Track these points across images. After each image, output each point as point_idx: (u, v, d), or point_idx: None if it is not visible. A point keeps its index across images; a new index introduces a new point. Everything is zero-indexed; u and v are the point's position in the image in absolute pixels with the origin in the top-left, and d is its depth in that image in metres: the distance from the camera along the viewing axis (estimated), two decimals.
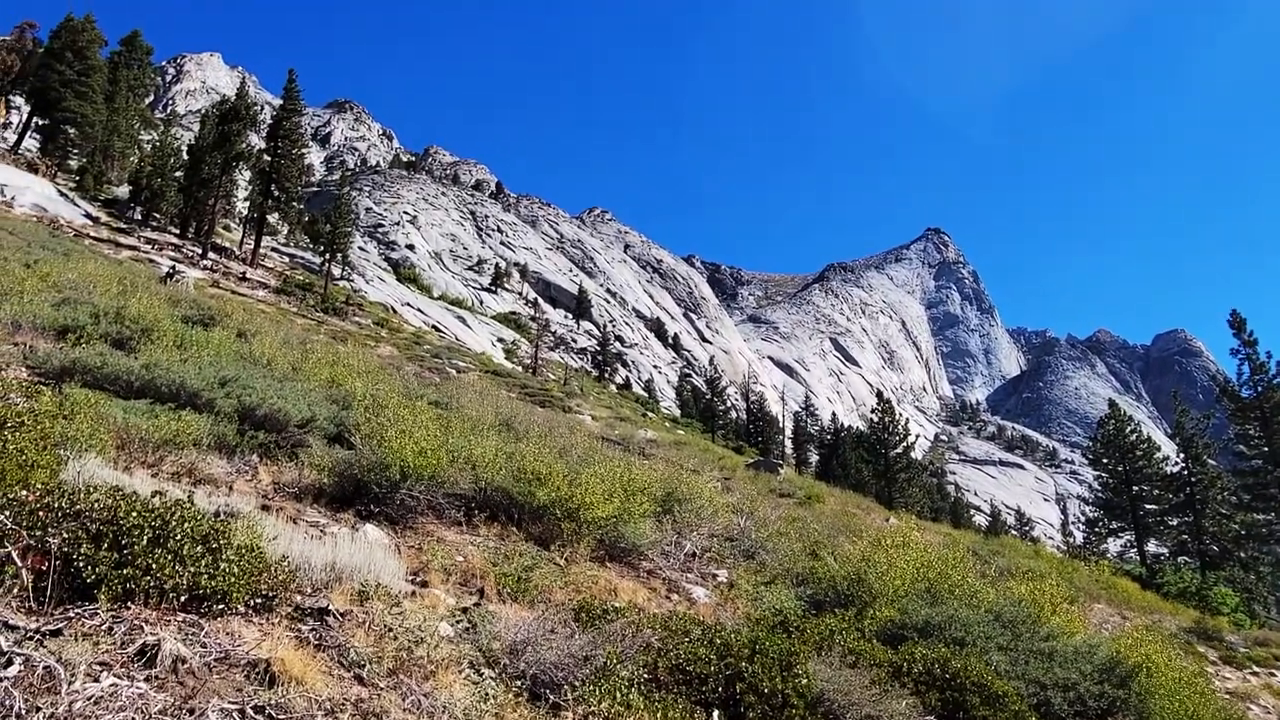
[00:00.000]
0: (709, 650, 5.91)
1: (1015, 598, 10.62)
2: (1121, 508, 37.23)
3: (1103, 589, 20.47)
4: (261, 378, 11.65)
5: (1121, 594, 20.79)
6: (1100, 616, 16.89)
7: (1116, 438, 37.67)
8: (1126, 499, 36.83)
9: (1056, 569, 20.11)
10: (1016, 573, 16.31)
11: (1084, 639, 9.94)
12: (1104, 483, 38.85)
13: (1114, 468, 37.67)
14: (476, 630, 5.53)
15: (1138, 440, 37.45)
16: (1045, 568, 19.43)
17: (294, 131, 52.90)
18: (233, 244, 54.46)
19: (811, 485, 28.73)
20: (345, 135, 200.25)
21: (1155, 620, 17.72)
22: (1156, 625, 16.00)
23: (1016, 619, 9.51)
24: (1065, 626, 10.18)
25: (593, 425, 30.00)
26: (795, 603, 9.67)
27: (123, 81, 61.50)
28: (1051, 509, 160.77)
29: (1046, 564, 21.63)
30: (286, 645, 4.15)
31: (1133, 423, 38.94)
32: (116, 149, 59.78)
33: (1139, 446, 37.17)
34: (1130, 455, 37.01)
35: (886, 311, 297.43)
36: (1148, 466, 36.79)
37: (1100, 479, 39.43)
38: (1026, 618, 9.69)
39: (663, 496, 12.41)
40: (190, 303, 20.04)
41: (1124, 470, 37.07)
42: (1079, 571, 22.01)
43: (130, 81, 64.97)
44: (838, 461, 65.28)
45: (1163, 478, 36.43)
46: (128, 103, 62.98)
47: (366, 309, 50.51)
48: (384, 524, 8.31)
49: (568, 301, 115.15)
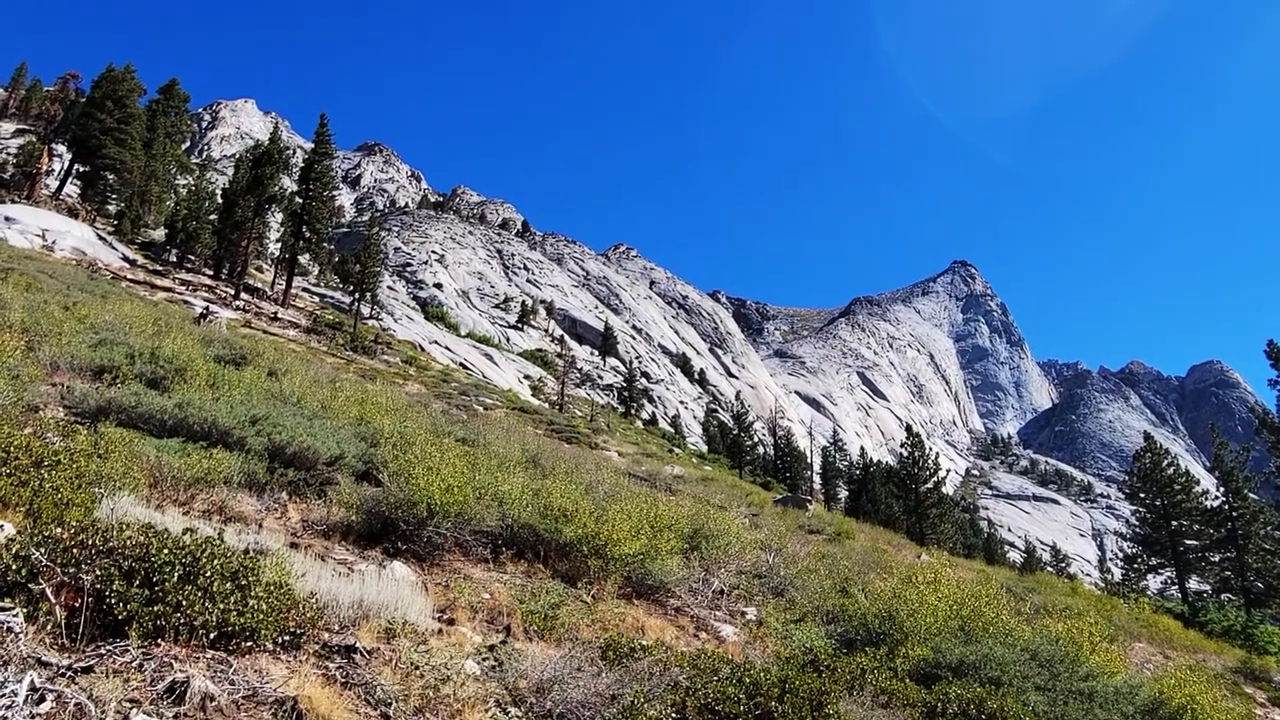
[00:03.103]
0: (738, 689, 5.81)
1: (1052, 636, 10.35)
2: (1161, 543, 36.36)
3: (1143, 627, 19.93)
4: (291, 416, 11.78)
5: (1163, 632, 20.22)
6: (1141, 656, 16.44)
7: (1153, 471, 36.91)
8: (1165, 534, 35.97)
9: (1095, 606, 19.65)
10: (1053, 610, 15.94)
11: (1125, 679, 9.66)
12: (1142, 518, 38.00)
13: (1151, 502, 36.87)
14: (503, 668, 5.50)
15: (1175, 474, 36.67)
16: (1083, 605, 19.00)
17: (325, 174, 54.02)
18: (265, 284, 55.43)
19: (841, 521, 28.35)
20: (375, 177, 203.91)
21: (1199, 660, 17.21)
22: (1200, 665, 15.53)
23: (1054, 658, 9.26)
24: (1105, 666, 9.90)
25: (619, 461, 29.93)
26: (825, 641, 9.52)
27: (160, 128, 63.20)
28: (1088, 545, 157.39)
29: (1084, 601, 21.13)
30: (313, 682, 4.15)
31: (1169, 456, 38.14)
32: (154, 193, 61.31)
33: (1177, 480, 36.38)
34: (1168, 489, 36.22)
35: (914, 345, 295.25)
36: (1187, 501, 35.97)
37: (1138, 514, 38.57)
38: (1064, 657, 9.43)
39: (690, 533, 12.31)
40: (223, 342, 20.34)
41: (1162, 505, 36.27)
42: (1118, 609, 21.47)
43: (167, 128, 66.77)
44: (867, 497, 64.46)
45: (1203, 512, 35.57)
46: (165, 149, 64.68)
47: (395, 347, 51.03)
48: (411, 561, 8.31)
49: (594, 338, 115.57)
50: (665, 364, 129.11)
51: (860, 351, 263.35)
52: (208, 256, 53.26)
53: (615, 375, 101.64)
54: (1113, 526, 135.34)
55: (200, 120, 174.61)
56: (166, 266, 47.09)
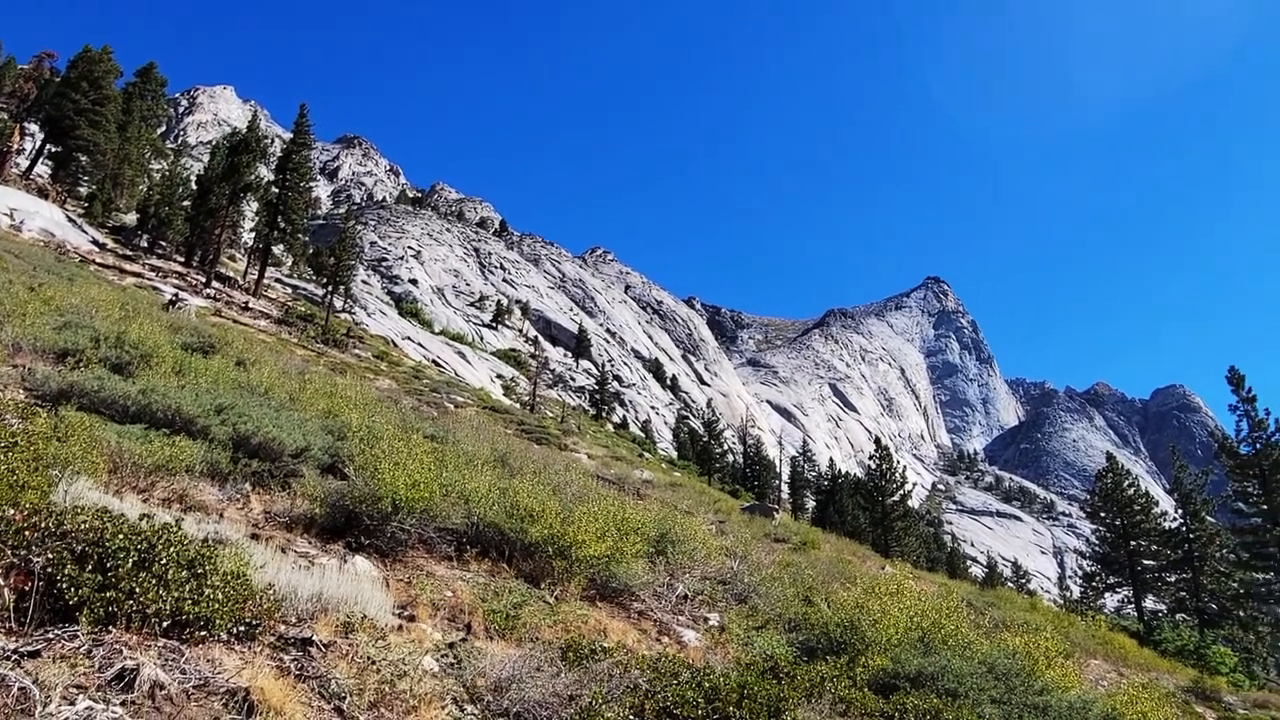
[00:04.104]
0: (697, 694, 5.82)
1: (1010, 650, 10.46)
2: (1119, 562, 36.91)
3: (1099, 644, 20.21)
4: (258, 406, 11.64)
5: (1118, 650, 20.51)
6: (1096, 672, 16.67)
7: (1114, 491, 37.47)
8: (1124, 554, 36.52)
9: (1052, 623, 19.90)
10: (1012, 625, 16.13)
11: (1079, 695, 9.78)
12: (1101, 537, 38.54)
13: (1112, 522, 37.41)
14: (462, 666, 5.46)
15: (1136, 495, 37.23)
16: (1041, 621, 19.23)
17: (302, 165, 53.46)
18: (237, 274, 54.76)
19: (807, 531, 28.48)
20: (353, 170, 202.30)
21: (1152, 678, 17.49)
22: (1153, 683, 15.77)
23: (1011, 672, 9.36)
24: (1060, 681, 10.02)
25: (589, 464, 29.88)
26: (786, 648, 9.55)
27: (136, 112, 62.23)
28: (1049, 562, 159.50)
29: (1042, 617, 21.39)
30: (267, 674, 4.10)
31: (1131, 477, 38.73)
32: (126, 177, 60.34)
33: (1137, 501, 36.95)
34: (1128, 510, 36.77)
35: (886, 359, 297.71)
36: (1146, 521, 36.54)
37: (1098, 533, 39.12)
38: (1021, 671, 9.54)
39: (656, 537, 12.31)
40: (191, 330, 20.06)
41: (1122, 525, 36.82)
42: (1075, 626, 21.75)
43: (143, 112, 65.74)
44: (834, 508, 64.83)
45: (1161, 533, 36.15)
46: (140, 132, 63.66)
47: (367, 342, 50.61)
48: (374, 556, 8.24)
49: (567, 340, 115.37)
50: (638, 368, 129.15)
51: (833, 363, 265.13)
52: (179, 243, 52.50)
53: (588, 378, 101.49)
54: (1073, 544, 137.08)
55: (177, 105, 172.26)
56: (137, 251, 46.37)
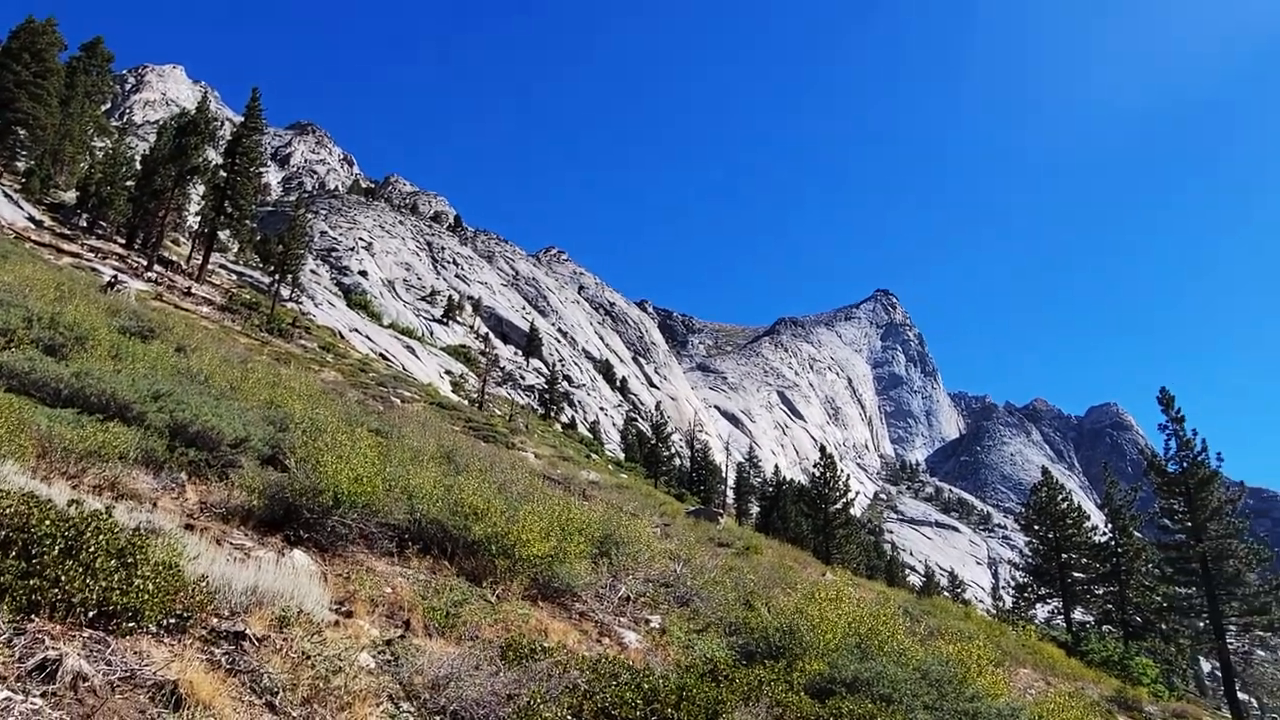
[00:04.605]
0: (636, 695, 5.83)
1: (943, 658, 10.67)
2: (1050, 574, 37.88)
3: (1029, 654, 20.72)
4: (197, 394, 11.37)
5: (1047, 660, 21.06)
6: (1025, 681, 17.08)
7: (1048, 505, 38.45)
8: (1055, 566, 37.51)
9: (985, 631, 20.33)
10: (946, 633, 16.46)
11: (1008, 702, 10.02)
12: (1034, 549, 39.53)
13: (1045, 535, 38.39)
14: (399, 663, 5.40)
15: (1068, 509, 38.26)
16: (974, 630, 19.64)
17: (253, 149, 52.31)
18: (180, 258, 53.36)
19: (751, 536, 28.74)
20: (305, 157, 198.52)
21: (1078, 687, 17.97)
22: (1079, 692, 16.23)
23: (943, 678, 9.55)
24: (990, 688, 10.25)
25: (535, 463, 29.74)
26: (726, 652, 9.61)
27: (80, 87, 60.34)
28: (984, 572, 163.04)
29: (976, 626, 21.85)
30: (197, 668, 4.00)
31: (1064, 491, 39.79)
32: (68, 154, 58.48)
33: (1069, 515, 37.97)
34: (1060, 523, 37.77)
35: (834, 368, 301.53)
36: (1077, 535, 37.58)
37: (1031, 545, 40.13)
38: (953, 678, 9.74)
39: (601, 538, 12.30)
40: (130, 314, 19.53)
41: (1054, 538, 37.80)
42: (1007, 635, 22.27)
43: (88, 87, 63.73)
44: (778, 514, 65.41)
45: (1091, 547, 37.22)
46: (83, 108, 61.72)
47: (313, 332, 49.70)
48: (313, 550, 8.10)
49: (519, 338, 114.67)
50: (588, 369, 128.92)
51: (782, 371, 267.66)
52: (121, 224, 50.97)
53: (538, 377, 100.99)
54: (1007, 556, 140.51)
55: (124, 83, 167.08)
56: (76, 231, 44.90)
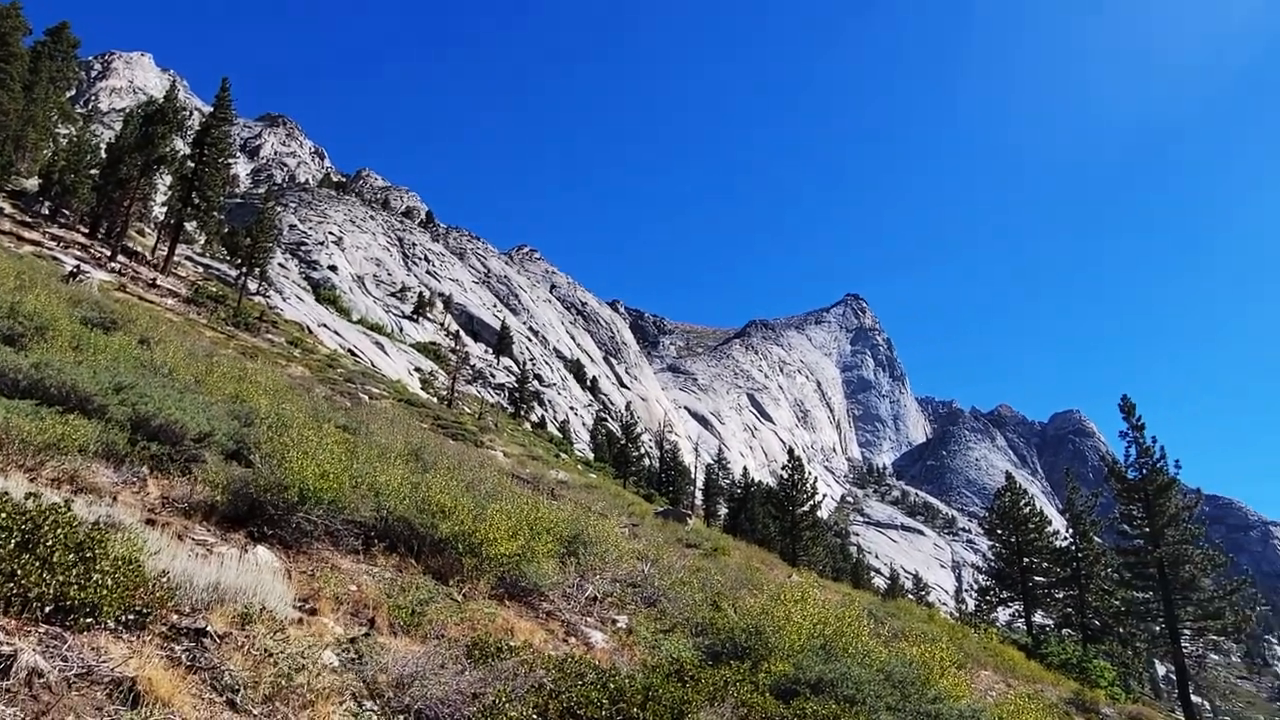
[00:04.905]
0: (602, 694, 5.83)
1: (907, 659, 10.78)
2: (1012, 578, 38.42)
3: (990, 656, 21.01)
4: (161, 387, 11.19)
5: (1008, 662, 21.36)
6: (986, 683, 17.30)
7: (1011, 510, 39.00)
8: (1017, 570, 38.05)
9: (948, 634, 20.56)
10: (910, 635, 16.60)
11: (969, 704, 10.15)
12: (997, 553, 40.08)
13: (1007, 539, 38.93)
14: (363, 661, 5.35)
15: (1031, 514, 38.84)
16: (938, 632, 19.85)
17: (222, 140, 51.55)
18: (145, 249, 52.51)
19: (718, 537, 28.83)
20: (275, 149, 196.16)
21: (1038, 689, 18.26)
22: (1038, 694, 16.48)
23: (907, 680, 9.64)
24: (952, 690, 10.37)
25: (504, 462, 29.62)
26: (693, 652, 9.63)
27: (44, 72, 58.99)
28: (947, 575, 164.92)
29: (939, 629, 22.09)
30: (156, 665, 3.94)
31: (1027, 496, 40.39)
32: (30, 140, 57.18)
33: (1031, 520, 38.54)
34: (1023, 528, 38.32)
35: (804, 371, 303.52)
36: (1039, 540, 38.14)
37: (994, 549, 40.68)
38: (916, 679, 9.84)
39: (568, 538, 12.27)
40: (92, 304, 19.19)
41: (1016, 542, 38.34)
42: (969, 638, 22.56)
43: (52, 73, 62.31)
44: (746, 516, 65.78)
45: (1052, 551, 37.81)
46: (48, 94, 60.35)
47: (281, 327, 49.11)
48: (277, 547, 8.00)
49: (489, 336, 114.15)
50: (559, 368, 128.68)
51: (752, 373, 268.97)
52: (85, 213, 50.06)
53: (508, 375, 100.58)
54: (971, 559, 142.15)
55: (90, 69, 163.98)
56: (37, 219, 44.01)
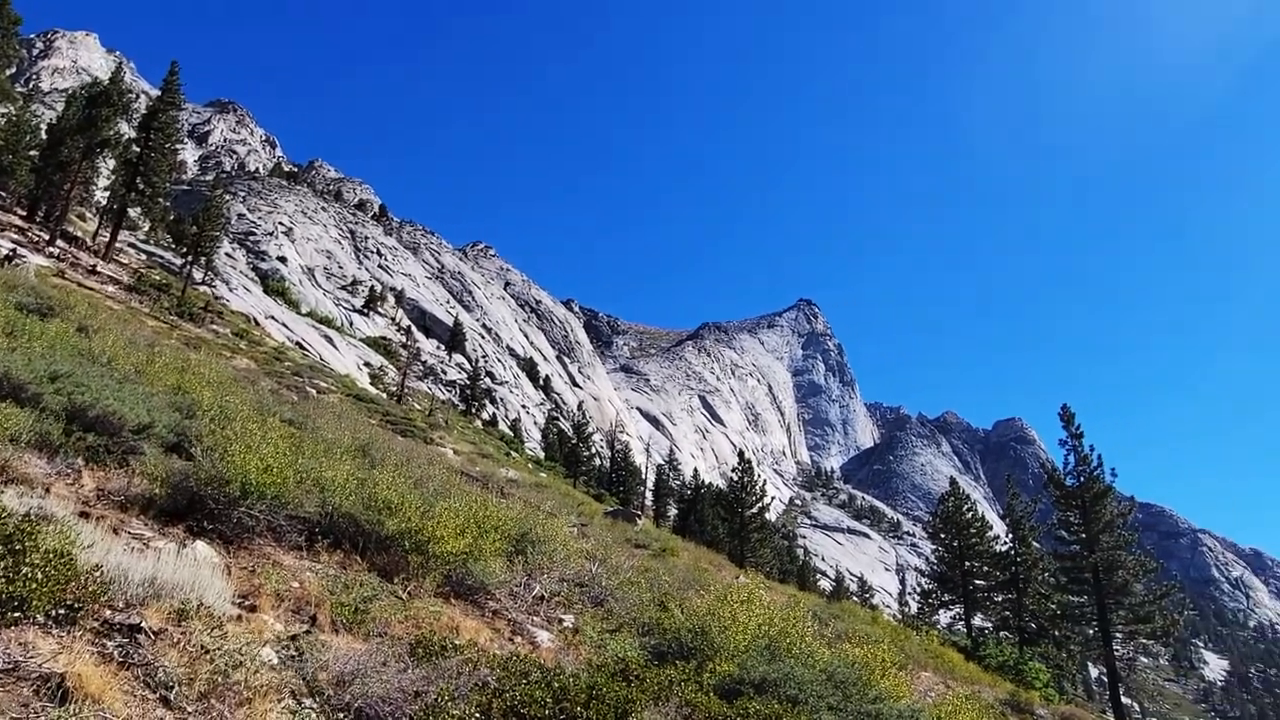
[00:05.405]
0: (546, 693, 5.82)
1: (849, 660, 10.92)
2: (954, 581, 39.19)
3: (931, 658, 21.40)
4: (99, 377, 10.89)
5: (947, 663, 21.78)
6: (926, 684, 17.61)
7: (954, 515, 39.77)
8: (959, 573, 38.82)
9: (891, 636, 20.90)
10: (853, 636, 16.84)
11: (909, 704, 10.32)
12: (940, 557, 40.84)
13: (950, 543, 39.70)
14: (303, 658, 5.27)
15: (973, 519, 39.65)
16: (880, 634, 20.16)
17: (169, 125, 50.31)
18: (86, 234, 50.97)
19: (668, 538, 28.94)
20: (225, 136, 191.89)
21: (975, 690, 18.64)
22: (976, 695, 16.82)
23: (848, 680, 9.76)
24: (893, 691, 10.52)
25: (454, 459, 29.37)
26: (639, 652, 9.65)
27: None
28: (891, 578, 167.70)
29: (882, 630, 22.45)
30: (87, 660, 3.84)
31: (970, 502, 41.23)
32: None
33: (974, 525, 39.35)
34: (965, 533, 39.11)
35: (755, 375, 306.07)
36: (980, 544, 38.97)
37: (937, 553, 41.45)
38: (858, 680, 9.96)
39: (517, 537, 12.21)
40: (29, 290, 18.61)
41: (959, 546, 39.13)
42: (911, 640, 22.96)
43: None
44: (695, 517, 66.14)
45: (992, 556, 38.65)
46: None
47: (227, 318, 48.03)
48: (217, 542, 7.83)
49: (441, 333, 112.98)
50: (512, 366, 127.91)
51: (704, 375, 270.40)
52: (22, 195, 48.40)
53: (460, 372, 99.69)
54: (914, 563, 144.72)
55: (31, 48, 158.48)
56: None
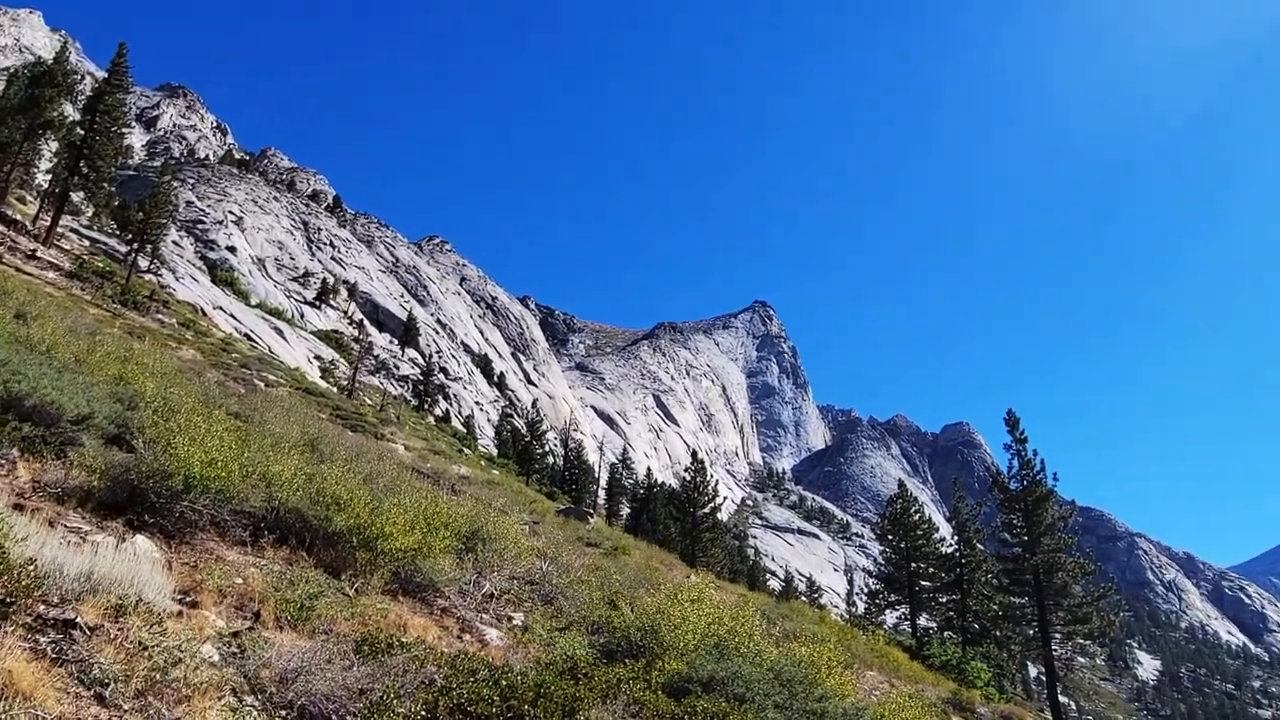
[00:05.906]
0: (493, 691, 5.80)
1: (796, 659, 11.04)
2: (900, 582, 39.81)
3: (876, 657, 21.71)
4: (37, 365, 10.57)
5: (892, 663, 22.13)
6: (871, 683, 17.87)
7: (902, 517, 40.39)
8: (905, 574, 39.45)
9: (838, 635, 21.16)
10: (801, 636, 17.03)
11: (854, 702, 10.48)
12: (887, 558, 41.46)
13: (898, 544, 40.31)
14: (245, 656, 5.18)
15: (920, 521, 40.31)
16: (827, 633, 20.40)
17: (116, 108, 48.91)
18: (26, 218, 49.32)
19: (620, 537, 28.96)
20: (174, 121, 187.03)
21: (919, 689, 18.96)
22: (919, 694, 17.12)
23: (795, 679, 9.87)
24: (839, 689, 10.67)
25: (405, 455, 29.02)
26: (588, 650, 9.66)
27: None
28: (840, 579, 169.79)
29: (829, 630, 22.72)
30: (18, 656, 3.74)
31: (917, 504, 41.93)
32: None
33: (920, 526, 40.00)
34: (912, 534, 39.74)
35: (710, 375, 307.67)
36: (926, 546, 39.64)
37: (885, 554, 42.05)
38: (804, 678, 10.09)
39: (467, 534, 12.13)
40: None
41: (906, 548, 39.74)
42: (857, 639, 23.28)
43: None
44: (648, 516, 66.33)
45: (938, 557, 39.35)
46: None
47: (173, 307, 46.89)
48: (158, 537, 7.66)
49: (395, 327, 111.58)
50: (466, 362, 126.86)
51: (659, 375, 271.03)
52: None
53: (413, 367, 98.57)
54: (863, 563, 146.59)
55: None
56: None
